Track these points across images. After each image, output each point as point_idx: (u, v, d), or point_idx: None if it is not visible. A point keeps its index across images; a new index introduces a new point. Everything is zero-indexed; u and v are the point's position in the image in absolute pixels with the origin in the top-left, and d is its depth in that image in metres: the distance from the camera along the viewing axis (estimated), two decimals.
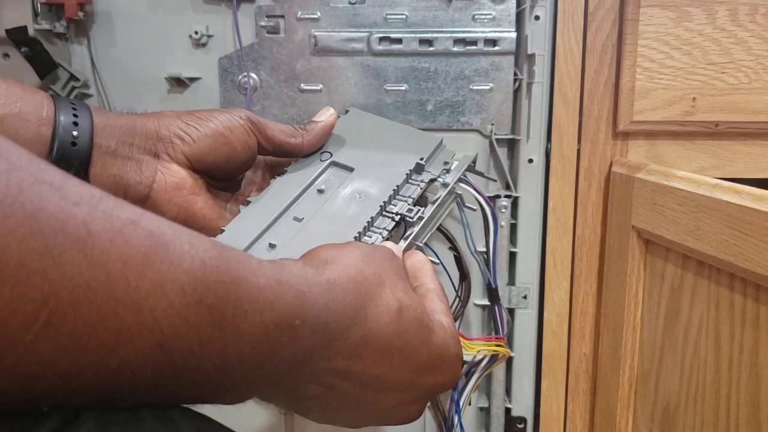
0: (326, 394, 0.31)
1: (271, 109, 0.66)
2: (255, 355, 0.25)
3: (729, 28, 0.63)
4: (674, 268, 0.55)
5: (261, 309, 0.25)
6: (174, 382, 0.23)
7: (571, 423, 0.70)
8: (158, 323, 0.21)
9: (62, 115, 0.42)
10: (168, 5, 0.64)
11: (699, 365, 0.53)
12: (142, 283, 0.21)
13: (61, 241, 0.19)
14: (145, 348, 0.21)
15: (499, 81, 0.65)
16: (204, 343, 0.23)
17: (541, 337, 0.68)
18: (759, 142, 0.66)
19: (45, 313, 0.19)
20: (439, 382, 0.36)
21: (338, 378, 0.31)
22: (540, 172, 0.66)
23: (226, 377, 0.25)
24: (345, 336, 0.30)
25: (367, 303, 0.31)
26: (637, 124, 0.64)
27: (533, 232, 0.67)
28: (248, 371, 0.26)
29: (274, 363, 0.27)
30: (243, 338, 0.24)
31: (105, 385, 0.21)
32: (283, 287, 0.26)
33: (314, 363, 0.29)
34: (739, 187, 0.48)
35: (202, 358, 0.23)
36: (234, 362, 0.25)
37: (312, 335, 0.28)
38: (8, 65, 0.61)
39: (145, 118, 0.46)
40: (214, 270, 0.24)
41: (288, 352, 0.27)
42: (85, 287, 0.20)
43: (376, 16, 0.64)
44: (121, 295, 0.20)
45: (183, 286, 0.22)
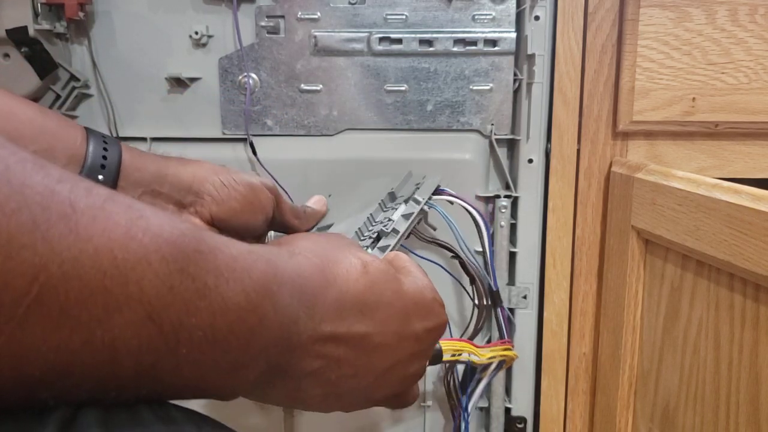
0: (322, 367, 0.32)
1: (271, 109, 0.66)
2: (245, 328, 0.26)
3: (729, 29, 0.63)
4: (674, 268, 0.55)
5: (240, 277, 0.26)
6: (170, 359, 0.24)
7: (571, 423, 0.70)
8: (145, 294, 0.22)
9: (90, 156, 0.42)
10: (168, 5, 0.64)
11: (699, 365, 0.53)
12: (127, 255, 0.22)
13: (47, 216, 0.20)
14: (135, 320, 0.22)
15: (499, 81, 0.65)
16: (192, 313, 0.24)
17: (541, 336, 0.69)
18: (759, 142, 0.66)
19: (36, 287, 0.19)
20: (428, 326, 0.37)
21: (328, 345, 0.31)
22: (540, 172, 0.66)
23: (222, 354, 0.25)
24: (321, 299, 0.31)
25: (331, 265, 0.32)
26: (636, 124, 0.64)
27: (533, 232, 0.67)
28: (241, 346, 0.26)
29: (263, 335, 0.27)
30: (229, 308, 0.25)
31: (100, 363, 0.22)
32: (254, 256, 0.27)
33: (301, 332, 0.30)
34: (739, 187, 0.48)
35: (193, 330, 0.24)
36: (226, 335, 0.25)
37: (291, 301, 0.29)
38: (8, 65, 0.61)
39: (181, 167, 0.47)
40: (192, 240, 0.24)
41: (274, 321, 0.28)
42: (73, 261, 0.20)
43: (376, 16, 0.64)
44: (108, 268, 0.21)
45: (165, 256, 0.23)
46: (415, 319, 0.36)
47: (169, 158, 0.48)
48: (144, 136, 0.66)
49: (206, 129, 0.67)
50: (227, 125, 0.66)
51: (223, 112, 0.66)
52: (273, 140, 0.66)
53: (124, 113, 0.66)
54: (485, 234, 0.59)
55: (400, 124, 0.66)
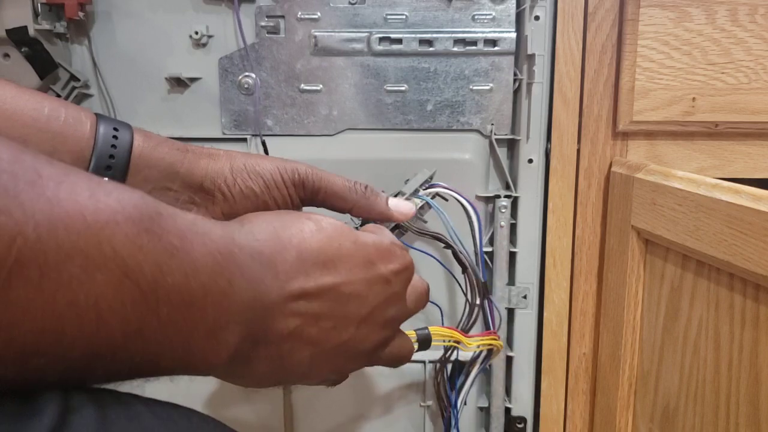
0: (299, 326, 0.33)
1: (271, 109, 0.66)
2: (217, 289, 0.27)
3: (729, 28, 0.63)
4: (674, 268, 0.55)
5: (202, 240, 0.27)
6: (154, 321, 0.25)
7: (570, 423, 0.70)
8: (118, 253, 0.23)
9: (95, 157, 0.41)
10: (168, 5, 0.64)
11: (699, 365, 0.53)
12: (96, 217, 0.23)
13: (16, 183, 0.21)
14: (113, 280, 0.23)
15: (499, 81, 0.65)
16: (166, 272, 0.25)
17: (541, 336, 0.69)
18: (759, 142, 0.66)
19: (15, 250, 0.20)
20: (393, 269, 0.37)
21: (300, 302, 0.32)
22: (540, 172, 0.66)
23: (200, 315, 0.27)
24: (281, 260, 0.32)
25: (284, 229, 0.33)
26: (636, 124, 0.64)
27: (533, 232, 0.67)
28: (216, 306, 0.27)
29: (236, 297, 0.28)
30: (199, 269, 0.26)
31: (87, 324, 0.23)
32: (209, 222, 0.29)
33: (270, 292, 0.31)
34: (739, 187, 0.48)
35: (170, 290, 0.25)
36: (201, 296, 0.26)
37: (253, 263, 0.30)
38: (8, 65, 0.61)
39: (195, 162, 0.44)
40: (152, 204, 0.26)
41: (242, 283, 0.29)
42: (47, 224, 0.21)
43: (376, 16, 0.64)
44: (80, 229, 0.22)
45: (130, 217, 0.24)
46: (380, 263, 0.37)
47: (186, 149, 0.45)
48: None
49: (206, 129, 0.67)
50: (227, 125, 0.66)
51: (223, 112, 0.66)
52: (273, 140, 0.66)
53: (124, 113, 0.66)
54: (476, 224, 0.59)
55: (400, 124, 0.66)
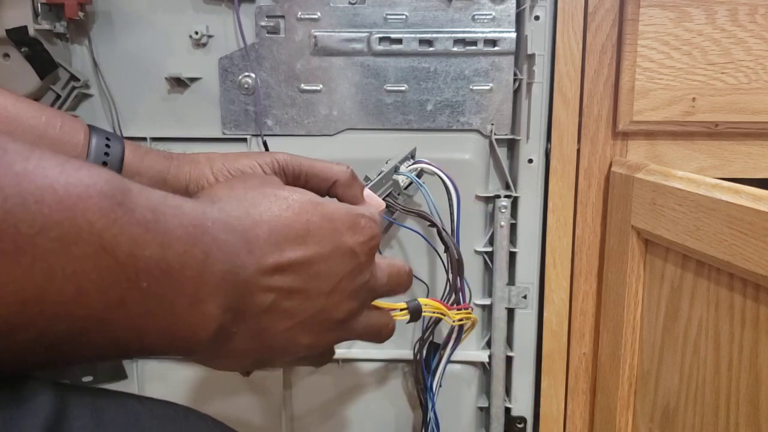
0: (276, 300, 0.33)
1: (271, 109, 0.66)
2: (193, 261, 0.28)
3: (729, 28, 0.63)
4: (674, 268, 0.55)
5: (174, 213, 0.28)
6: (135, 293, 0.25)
7: (570, 423, 0.70)
8: (94, 226, 0.24)
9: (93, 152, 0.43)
10: (168, 5, 0.64)
11: (699, 365, 0.53)
12: (68, 190, 0.23)
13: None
14: (90, 252, 0.23)
15: (498, 81, 0.65)
16: (141, 245, 0.25)
17: (541, 336, 0.69)
18: (759, 142, 0.66)
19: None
20: (359, 240, 0.38)
21: (276, 276, 0.33)
22: (540, 172, 0.66)
23: (180, 286, 0.27)
24: (254, 236, 0.32)
25: (255, 206, 0.34)
26: (636, 124, 0.64)
27: (533, 232, 0.67)
28: (195, 278, 0.28)
29: (213, 269, 0.29)
30: (173, 241, 0.27)
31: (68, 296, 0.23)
32: (179, 198, 0.29)
33: (246, 267, 0.31)
34: (739, 187, 0.48)
35: (148, 262, 0.26)
36: (178, 268, 0.27)
37: (227, 236, 0.30)
38: (8, 65, 0.61)
39: (179, 168, 0.47)
40: (122, 180, 0.26)
41: (218, 256, 0.29)
42: (16, 197, 0.22)
43: (376, 16, 0.64)
44: (52, 202, 0.23)
45: (101, 190, 0.24)
46: (346, 234, 0.37)
47: (171, 157, 0.48)
48: (144, 136, 0.66)
49: (206, 129, 0.67)
50: (227, 125, 0.66)
51: (223, 112, 0.66)
52: (273, 140, 0.66)
53: (124, 113, 0.67)
54: (454, 199, 0.60)
55: (400, 124, 0.66)
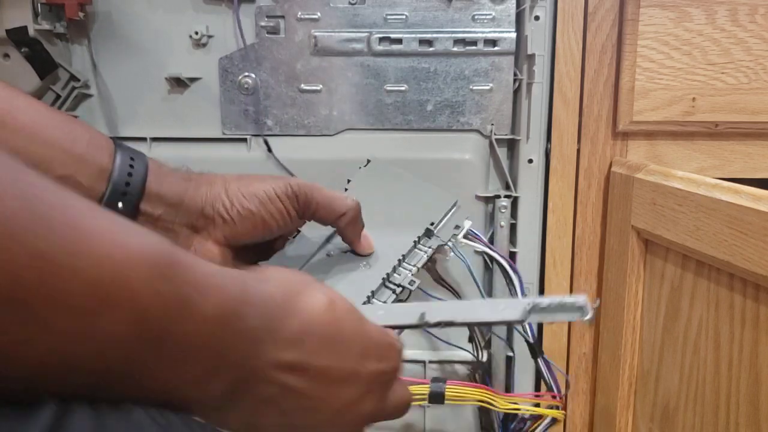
0: (277, 395, 0.32)
1: (271, 109, 0.66)
2: (217, 341, 0.28)
3: (729, 28, 0.63)
4: (674, 268, 0.55)
5: (215, 293, 0.28)
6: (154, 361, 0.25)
7: (571, 423, 0.70)
8: (136, 294, 0.24)
9: (113, 182, 0.43)
10: (168, 5, 0.64)
11: (699, 365, 0.53)
12: (120, 256, 0.23)
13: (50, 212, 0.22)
14: (127, 318, 0.24)
15: (499, 81, 0.65)
16: (175, 320, 0.25)
17: (541, 337, 0.68)
18: (759, 142, 0.66)
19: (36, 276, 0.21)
20: (382, 368, 0.37)
21: (287, 374, 0.32)
22: (540, 172, 0.66)
23: (197, 362, 0.27)
24: (284, 326, 0.32)
25: (298, 296, 0.33)
26: (636, 124, 0.64)
27: (533, 232, 0.67)
28: (213, 357, 0.28)
29: (232, 350, 0.29)
30: (207, 320, 0.27)
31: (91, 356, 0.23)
32: (227, 276, 0.29)
33: (261, 356, 0.31)
34: (739, 187, 0.48)
35: (177, 337, 0.26)
36: (202, 345, 0.27)
37: (256, 323, 0.30)
38: (8, 65, 0.61)
39: (196, 189, 0.47)
40: (172, 251, 0.26)
41: (242, 340, 0.29)
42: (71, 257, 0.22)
43: (376, 16, 0.64)
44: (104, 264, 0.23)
45: (150, 262, 0.24)
46: (373, 358, 0.36)
47: (189, 179, 0.48)
48: (144, 136, 0.66)
49: (206, 129, 0.67)
50: (227, 125, 0.66)
51: (223, 112, 0.66)
52: (273, 140, 0.66)
53: (124, 113, 0.66)
54: (518, 287, 0.57)
55: (400, 124, 0.66)
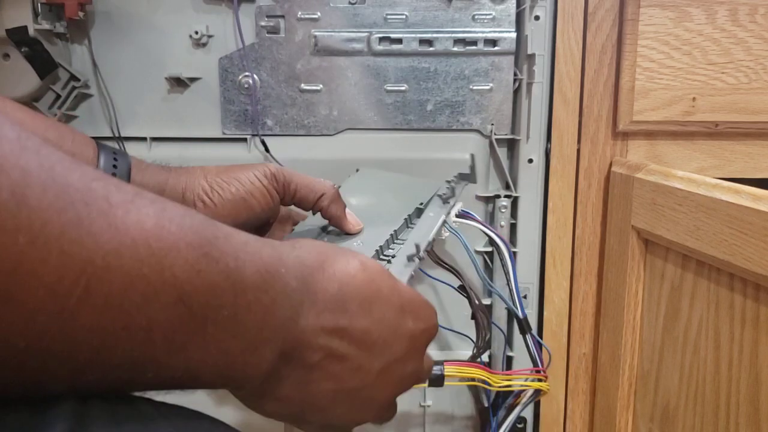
0: (324, 359, 0.33)
1: (272, 109, 0.66)
2: (260, 307, 0.28)
3: (729, 28, 0.63)
4: (674, 268, 0.55)
5: (253, 259, 0.28)
6: (199, 339, 0.26)
7: (571, 423, 0.70)
8: (178, 279, 0.24)
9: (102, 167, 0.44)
10: (168, 5, 0.64)
11: (699, 365, 0.53)
12: (160, 244, 0.23)
13: (89, 212, 0.22)
14: (169, 303, 0.24)
15: (499, 81, 0.65)
16: (218, 294, 0.26)
17: (541, 337, 0.68)
18: (759, 142, 0.66)
19: (84, 279, 0.21)
20: (421, 327, 0.38)
21: (331, 337, 0.33)
22: (540, 172, 0.66)
23: (243, 331, 0.27)
24: (322, 289, 0.32)
25: (331, 260, 0.34)
26: (637, 124, 0.64)
27: (533, 232, 0.67)
28: (258, 324, 0.28)
29: (275, 315, 0.29)
30: (248, 288, 0.27)
31: (137, 344, 0.23)
32: (261, 242, 0.30)
33: (306, 318, 0.31)
34: (739, 187, 0.48)
35: (219, 309, 0.26)
36: (245, 314, 0.27)
37: (296, 285, 0.31)
38: (8, 65, 0.61)
39: (177, 178, 0.48)
40: (211, 227, 0.26)
41: (284, 303, 0.30)
42: (115, 253, 0.22)
43: (376, 16, 0.64)
44: (144, 257, 0.23)
45: (191, 243, 0.25)
46: (410, 317, 0.37)
47: (169, 170, 0.49)
48: (144, 136, 0.66)
49: (206, 129, 0.67)
50: (227, 125, 0.66)
51: (223, 112, 0.66)
52: (273, 140, 0.66)
53: (124, 113, 0.66)
54: (509, 262, 0.57)
55: (400, 124, 0.66)
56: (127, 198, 0.23)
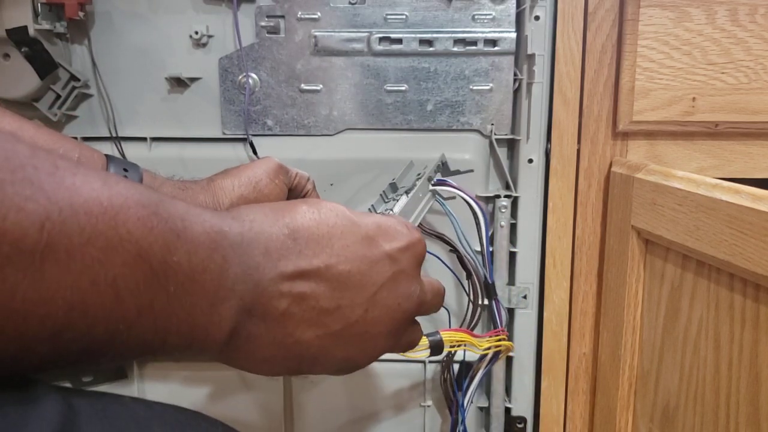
0: (292, 304, 0.33)
1: (272, 109, 0.66)
2: (213, 265, 0.29)
3: (729, 28, 0.63)
4: (674, 268, 0.55)
5: (199, 221, 0.29)
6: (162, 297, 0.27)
7: (571, 423, 0.70)
8: (132, 234, 0.25)
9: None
10: (168, 5, 0.64)
11: (699, 365, 0.53)
12: (111, 201, 0.25)
13: (38, 173, 0.23)
14: (129, 259, 0.25)
15: (499, 81, 0.65)
16: (172, 251, 0.27)
17: (541, 336, 0.69)
18: (759, 142, 0.66)
19: (45, 234, 0.22)
20: (398, 246, 0.37)
21: (297, 282, 0.33)
22: (540, 172, 0.66)
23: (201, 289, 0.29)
24: (271, 236, 0.33)
25: (276, 209, 0.34)
26: (636, 124, 0.64)
27: (533, 232, 0.67)
28: (214, 281, 0.29)
29: (229, 272, 0.30)
30: (198, 247, 0.29)
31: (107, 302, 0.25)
32: (200, 208, 0.31)
33: (263, 269, 0.32)
34: (739, 187, 0.48)
35: (177, 267, 0.27)
36: (201, 272, 0.29)
37: (242, 240, 0.31)
38: (8, 65, 0.61)
39: (194, 196, 0.48)
40: (154, 193, 0.28)
41: (234, 259, 0.30)
42: (69, 209, 0.23)
43: (376, 16, 0.64)
44: (97, 213, 0.24)
45: (140, 201, 0.26)
46: (381, 240, 0.36)
47: (185, 187, 0.49)
48: (144, 136, 0.66)
49: (206, 129, 0.67)
50: (227, 125, 0.66)
51: (223, 112, 0.66)
52: (273, 140, 0.66)
53: (124, 113, 0.66)
54: (483, 227, 0.59)
55: (400, 124, 0.66)
56: (71, 164, 0.25)
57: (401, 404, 0.70)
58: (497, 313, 0.62)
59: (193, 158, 0.66)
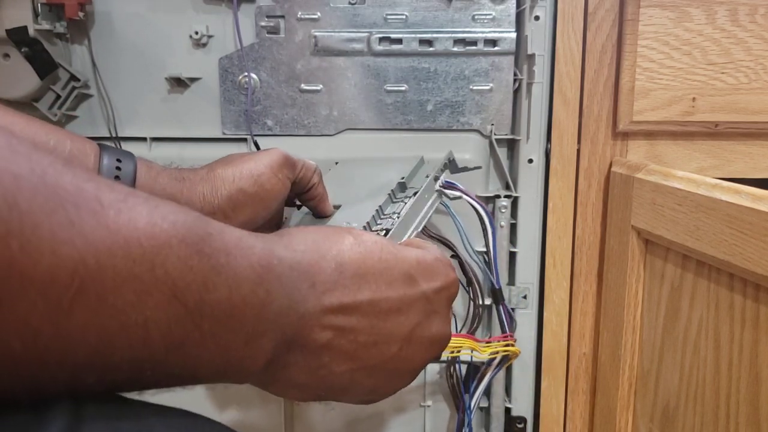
0: (333, 338, 0.33)
1: (272, 110, 0.66)
2: (256, 300, 0.28)
3: (729, 28, 0.63)
4: (674, 268, 0.55)
5: (245, 254, 0.28)
6: (196, 334, 0.26)
7: (571, 423, 0.70)
8: (170, 275, 0.24)
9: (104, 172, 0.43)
10: (168, 5, 0.64)
11: (699, 365, 0.53)
12: (152, 242, 0.24)
13: (80, 213, 0.22)
14: (163, 301, 0.24)
15: (499, 81, 0.65)
16: (211, 289, 0.26)
17: (541, 336, 0.69)
18: (759, 142, 0.66)
19: (77, 280, 0.21)
20: (435, 286, 0.37)
21: (338, 316, 0.33)
22: (540, 172, 0.66)
23: (239, 325, 0.28)
24: (319, 271, 0.32)
25: (323, 240, 0.34)
26: (636, 124, 0.64)
27: (533, 232, 0.67)
28: (255, 316, 0.28)
29: (272, 305, 0.29)
30: (241, 283, 0.27)
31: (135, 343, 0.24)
32: (252, 237, 0.30)
33: (307, 301, 0.31)
34: (739, 187, 0.48)
35: (214, 305, 0.26)
36: (241, 308, 0.27)
37: (291, 272, 0.31)
38: (8, 65, 0.61)
39: (191, 189, 0.47)
40: (203, 223, 0.27)
41: (279, 292, 0.30)
42: (107, 252, 0.22)
43: (376, 16, 0.64)
44: (136, 256, 0.23)
45: (183, 239, 0.25)
46: (420, 279, 0.36)
47: (182, 179, 0.48)
48: (144, 136, 0.66)
49: (206, 129, 0.67)
50: (227, 125, 0.66)
51: (223, 112, 0.66)
52: (273, 140, 0.66)
53: (124, 113, 0.66)
54: (490, 231, 0.59)
55: (400, 124, 0.66)
56: (119, 197, 0.24)
57: (401, 404, 0.70)
58: (504, 317, 0.61)
59: (193, 158, 0.66)
